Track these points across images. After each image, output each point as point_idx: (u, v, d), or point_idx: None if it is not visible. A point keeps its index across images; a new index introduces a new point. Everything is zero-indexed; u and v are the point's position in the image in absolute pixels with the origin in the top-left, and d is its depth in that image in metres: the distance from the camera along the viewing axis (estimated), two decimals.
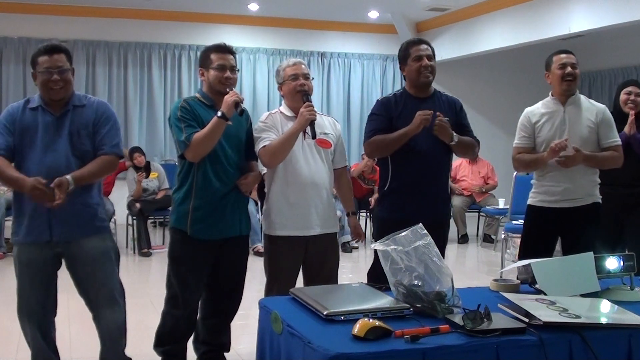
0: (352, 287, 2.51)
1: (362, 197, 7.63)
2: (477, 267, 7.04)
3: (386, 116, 3.27)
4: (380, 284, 2.40)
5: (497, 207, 7.68)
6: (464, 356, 1.85)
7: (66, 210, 2.77)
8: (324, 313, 2.04)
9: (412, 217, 3.10)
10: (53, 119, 2.88)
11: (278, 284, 3.16)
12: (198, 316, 3.31)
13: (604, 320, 2.12)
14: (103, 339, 3.05)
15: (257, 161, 3.34)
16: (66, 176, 2.75)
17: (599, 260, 2.47)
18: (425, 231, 2.22)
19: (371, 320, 1.92)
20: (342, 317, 2.02)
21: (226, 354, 3.39)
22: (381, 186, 3.37)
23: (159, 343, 3.26)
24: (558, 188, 3.57)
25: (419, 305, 2.10)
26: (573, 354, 1.93)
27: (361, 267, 3.42)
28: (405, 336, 1.86)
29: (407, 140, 3.18)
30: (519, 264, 2.59)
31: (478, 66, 10.03)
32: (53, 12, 8.54)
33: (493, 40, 8.51)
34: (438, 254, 2.18)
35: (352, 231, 3.44)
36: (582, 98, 3.67)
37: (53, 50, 2.87)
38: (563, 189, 3.56)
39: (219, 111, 2.98)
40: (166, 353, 3.24)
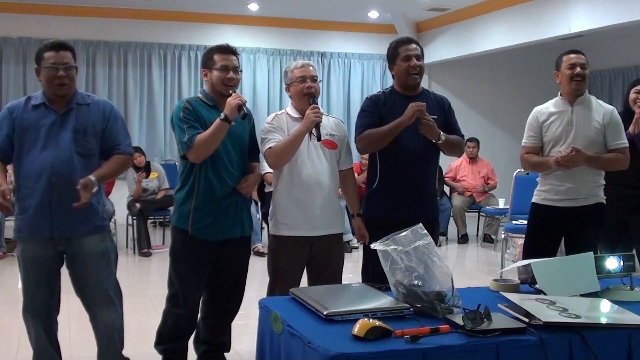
0: (352, 287, 2.51)
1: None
2: (477, 267, 7.04)
3: (376, 113, 3.27)
4: (379, 284, 2.40)
5: (497, 207, 7.68)
6: (464, 356, 1.85)
7: (68, 207, 2.78)
8: (324, 313, 2.04)
9: (400, 216, 3.13)
10: (57, 117, 2.88)
11: (281, 284, 3.17)
12: (199, 315, 3.32)
13: (604, 320, 2.12)
14: (100, 340, 3.05)
15: (259, 162, 3.36)
16: (90, 177, 2.79)
17: (599, 260, 2.47)
18: (425, 231, 2.22)
19: (371, 320, 1.92)
20: (342, 317, 2.02)
21: (226, 354, 3.39)
22: (369, 185, 3.37)
23: (160, 342, 3.26)
24: (562, 187, 3.57)
25: (419, 305, 2.10)
26: (573, 354, 1.93)
27: (361, 267, 3.41)
28: (405, 336, 1.86)
29: (398, 134, 3.17)
30: (519, 264, 2.59)
31: (478, 66, 10.03)
32: (53, 12, 8.54)
33: (493, 40, 8.51)
34: (438, 254, 2.18)
35: (357, 232, 3.44)
36: (592, 99, 3.66)
37: (60, 46, 2.88)
38: (566, 189, 3.56)
39: (222, 114, 2.98)
40: (167, 351, 3.25)
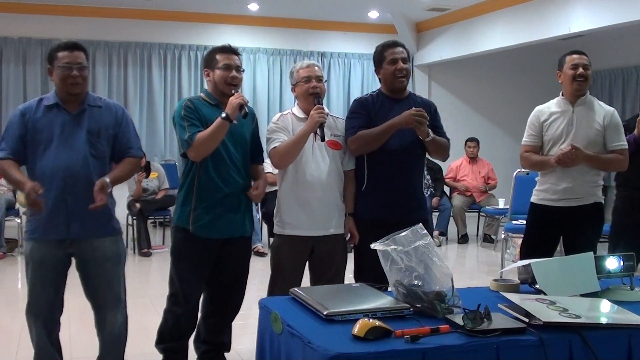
0: (352, 287, 2.51)
1: None
2: (477, 267, 7.05)
3: (366, 115, 3.27)
4: (379, 284, 2.40)
5: (497, 207, 7.68)
6: (464, 356, 1.85)
7: (84, 209, 2.81)
8: (324, 313, 2.04)
9: (389, 217, 3.14)
10: (70, 117, 2.90)
11: (281, 283, 3.18)
12: (199, 315, 3.32)
13: (604, 320, 2.12)
14: (104, 341, 3.06)
15: (264, 163, 3.37)
16: (105, 178, 2.82)
17: (599, 260, 2.47)
18: (425, 231, 2.22)
19: (371, 320, 1.92)
20: (342, 317, 2.02)
21: (226, 354, 3.39)
22: (357, 186, 3.34)
23: (161, 341, 3.27)
24: (559, 187, 3.59)
25: (419, 305, 2.10)
26: (573, 354, 1.93)
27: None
28: (405, 336, 1.86)
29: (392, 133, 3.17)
30: (519, 264, 2.59)
31: (478, 66, 10.03)
32: (53, 12, 8.54)
33: (493, 40, 8.51)
34: (438, 254, 2.18)
35: (347, 232, 3.44)
36: (593, 100, 3.68)
37: (74, 47, 2.90)
38: (564, 188, 3.58)
39: (224, 112, 2.99)
40: (167, 350, 3.25)
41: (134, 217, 7.07)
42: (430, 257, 2.15)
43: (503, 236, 6.14)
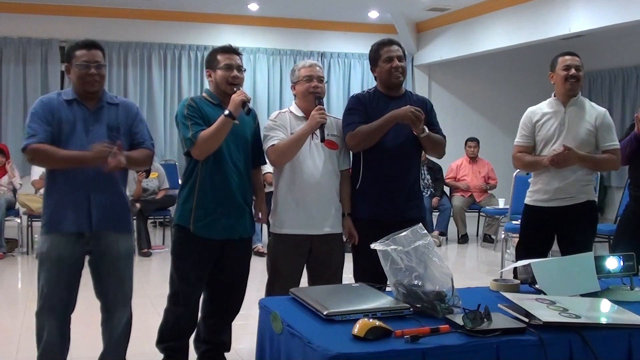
0: (352, 287, 2.51)
1: None
2: (477, 267, 7.05)
3: (364, 111, 3.27)
4: (380, 284, 2.40)
5: (497, 207, 7.68)
6: (464, 356, 1.85)
7: (104, 200, 2.88)
8: (324, 313, 2.04)
9: (385, 216, 3.14)
10: (89, 113, 2.94)
11: (280, 282, 3.18)
12: (199, 315, 3.32)
13: (604, 320, 2.12)
14: (109, 340, 3.07)
15: (265, 164, 3.38)
16: (118, 149, 2.85)
17: (599, 260, 2.47)
18: (425, 231, 2.22)
19: (371, 320, 1.92)
20: (342, 317, 2.02)
21: (226, 354, 3.40)
22: (352, 185, 3.34)
23: (161, 340, 3.27)
24: (550, 187, 3.63)
25: (419, 305, 2.10)
26: (573, 354, 1.93)
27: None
28: (405, 336, 1.86)
29: (390, 128, 3.17)
30: (519, 264, 2.59)
31: (478, 66, 10.03)
32: (53, 12, 8.54)
33: (493, 40, 8.51)
34: (438, 254, 2.18)
35: (346, 232, 3.45)
36: (585, 100, 3.71)
37: (91, 45, 2.95)
38: (555, 188, 3.62)
39: (226, 110, 3.00)
40: (168, 350, 3.25)
41: (134, 217, 7.05)
42: (430, 257, 2.15)
43: (503, 236, 6.15)
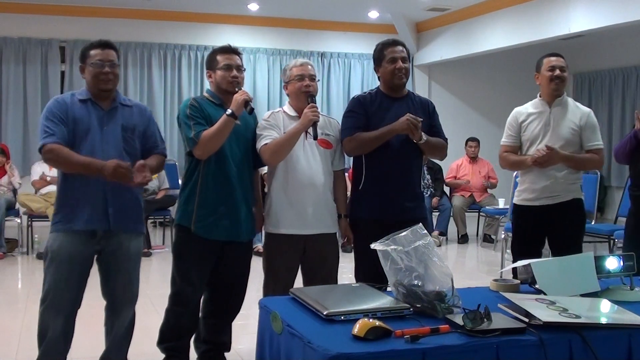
0: (352, 287, 2.51)
1: None
2: (477, 267, 7.05)
3: (364, 114, 3.27)
4: (380, 284, 2.40)
5: (497, 207, 7.68)
6: (464, 356, 1.85)
7: (121, 200, 2.92)
8: (324, 313, 2.04)
9: (387, 217, 3.14)
10: (103, 113, 2.96)
11: (275, 282, 3.19)
12: (200, 315, 3.32)
13: (604, 320, 2.12)
14: (113, 339, 3.09)
15: (264, 166, 3.37)
16: (142, 161, 2.90)
17: (599, 260, 2.47)
18: (425, 231, 2.22)
19: (371, 320, 1.92)
20: (342, 317, 2.02)
21: (226, 354, 3.40)
22: (354, 186, 3.35)
23: (162, 340, 3.28)
24: (537, 186, 3.68)
25: (419, 305, 2.10)
26: (573, 354, 1.93)
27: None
28: (405, 336, 1.86)
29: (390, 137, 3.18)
30: (519, 264, 2.59)
31: (478, 66, 10.03)
32: (53, 12, 8.54)
33: (493, 40, 8.51)
34: (438, 254, 2.18)
35: (342, 233, 3.45)
36: (569, 101, 3.77)
37: (106, 45, 2.98)
38: (542, 187, 3.66)
39: (229, 109, 3.01)
40: (169, 349, 3.26)
41: None
42: (430, 257, 2.15)
43: (503, 236, 6.15)
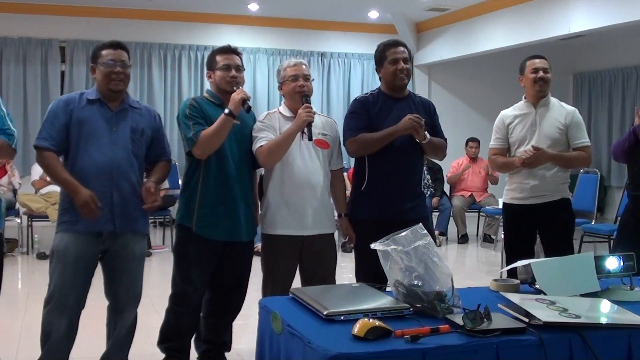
0: (352, 287, 2.51)
1: None
2: (477, 267, 7.05)
3: (366, 115, 3.27)
4: (380, 284, 2.40)
5: (497, 207, 7.64)
6: (464, 356, 1.85)
7: (128, 203, 2.92)
8: (324, 313, 2.04)
9: (390, 216, 3.14)
10: (112, 114, 2.97)
11: (273, 283, 3.19)
12: (200, 314, 3.32)
13: (604, 320, 2.12)
14: (115, 339, 3.09)
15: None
16: (151, 181, 2.96)
17: (599, 260, 2.47)
18: (425, 231, 2.22)
19: (371, 320, 1.92)
20: (342, 317, 2.02)
21: (226, 353, 3.40)
22: (356, 186, 3.34)
23: (163, 340, 3.28)
24: (527, 185, 3.71)
25: (419, 305, 2.10)
26: (573, 354, 1.93)
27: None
28: (405, 336, 1.86)
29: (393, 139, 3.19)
30: (519, 264, 2.59)
31: (478, 66, 10.03)
32: (53, 12, 8.55)
33: (493, 40, 8.51)
34: (438, 254, 2.18)
35: (344, 233, 3.45)
36: (554, 101, 3.81)
37: (117, 45, 2.99)
38: (531, 186, 3.69)
39: (227, 108, 3.01)
40: (169, 349, 3.26)
41: None
42: (430, 257, 2.15)
43: (503, 236, 6.14)
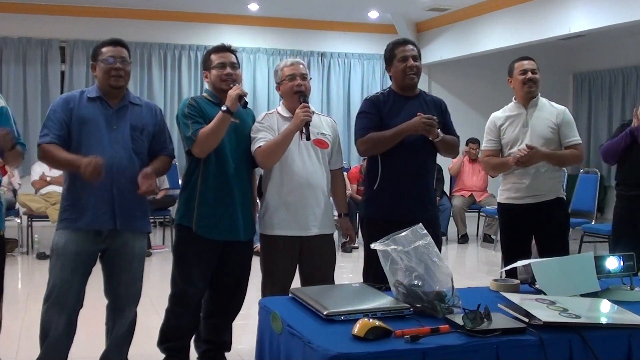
0: (352, 287, 2.51)
1: None
2: (477, 267, 7.05)
3: (377, 114, 3.28)
4: (380, 284, 2.40)
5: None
6: (464, 356, 1.85)
7: (129, 201, 2.92)
8: (324, 313, 2.04)
9: (403, 216, 3.12)
10: (112, 112, 2.98)
11: (272, 283, 3.19)
12: (200, 314, 3.32)
13: (604, 320, 2.12)
14: (114, 338, 3.09)
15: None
16: (148, 168, 2.93)
17: (599, 260, 2.47)
18: (425, 231, 2.22)
19: (371, 320, 1.92)
20: (342, 317, 2.02)
21: (226, 353, 3.40)
22: (369, 185, 3.35)
23: (163, 340, 3.28)
24: (522, 185, 3.72)
25: (419, 305, 2.10)
26: (573, 354, 1.93)
27: (361, 267, 3.42)
28: (405, 336, 1.86)
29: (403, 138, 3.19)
30: (519, 264, 2.59)
31: (478, 66, 10.02)
32: (53, 12, 8.54)
33: (493, 40, 8.51)
34: (438, 254, 2.19)
35: (344, 233, 3.44)
36: (544, 101, 3.84)
37: (117, 43, 3.01)
38: (526, 186, 3.71)
39: (224, 106, 3.01)
40: (169, 349, 3.26)
41: None
42: (430, 257, 2.15)
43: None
